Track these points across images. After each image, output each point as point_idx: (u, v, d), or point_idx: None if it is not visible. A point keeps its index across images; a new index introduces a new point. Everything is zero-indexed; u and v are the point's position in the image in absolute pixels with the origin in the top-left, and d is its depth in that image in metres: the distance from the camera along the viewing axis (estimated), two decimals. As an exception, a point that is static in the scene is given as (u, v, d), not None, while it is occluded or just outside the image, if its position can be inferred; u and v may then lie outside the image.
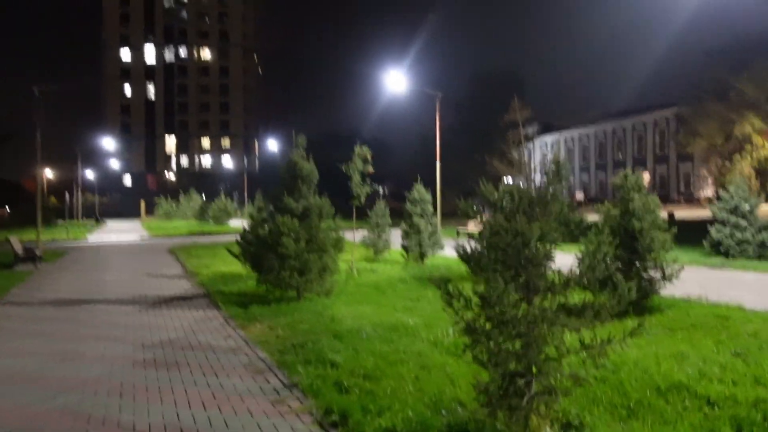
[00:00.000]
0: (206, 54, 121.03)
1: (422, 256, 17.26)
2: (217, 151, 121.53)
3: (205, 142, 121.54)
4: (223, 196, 57.12)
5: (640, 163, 74.69)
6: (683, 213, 41.12)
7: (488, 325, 4.55)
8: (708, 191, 62.46)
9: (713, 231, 16.28)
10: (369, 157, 14.80)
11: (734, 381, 5.60)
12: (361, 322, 9.12)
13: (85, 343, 8.63)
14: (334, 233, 12.00)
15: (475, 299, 4.62)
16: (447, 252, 18.85)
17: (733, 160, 50.20)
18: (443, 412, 5.09)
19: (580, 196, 73.39)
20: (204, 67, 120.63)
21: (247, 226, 12.47)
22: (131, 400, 5.98)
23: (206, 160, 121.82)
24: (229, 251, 12.81)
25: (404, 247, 17.72)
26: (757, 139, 48.95)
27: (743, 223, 15.73)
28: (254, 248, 12.00)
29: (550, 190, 4.72)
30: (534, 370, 4.51)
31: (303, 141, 12.17)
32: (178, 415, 5.50)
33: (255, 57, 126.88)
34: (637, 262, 9.37)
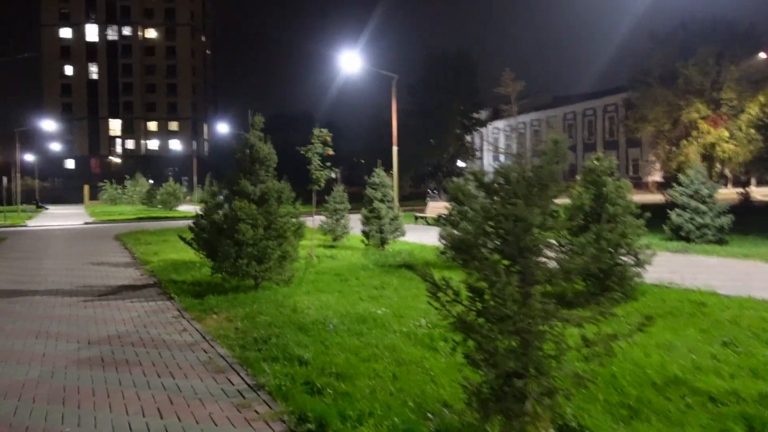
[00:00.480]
0: (151, 33, 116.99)
1: (383, 242, 16.79)
2: (164, 134, 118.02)
3: (152, 124, 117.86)
4: (171, 181, 55.59)
5: (590, 148, 75.94)
6: (633, 197, 41.86)
7: (482, 321, 4.11)
8: (656, 176, 63.85)
9: (674, 215, 16.29)
10: (329, 139, 14.20)
11: (731, 374, 5.31)
12: (326, 312, 8.61)
13: (22, 340, 7.84)
14: (294, 219, 11.41)
15: (464, 292, 4.17)
16: (408, 237, 18.49)
17: (680, 146, 51.31)
18: (429, 415, 4.63)
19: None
20: (149, 46, 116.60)
21: (200, 211, 11.73)
22: (75, 406, 5.31)
23: (153, 144, 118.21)
24: (181, 237, 12.05)
25: (364, 233, 17.21)
26: (703, 126, 50.05)
27: (703, 207, 15.77)
28: (208, 234, 11.31)
29: (548, 171, 4.27)
30: (532, 370, 4.08)
31: (260, 121, 11.50)
32: (129, 424, 4.87)
33: (203, 38, 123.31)
34: (610, 249, 9.11)
